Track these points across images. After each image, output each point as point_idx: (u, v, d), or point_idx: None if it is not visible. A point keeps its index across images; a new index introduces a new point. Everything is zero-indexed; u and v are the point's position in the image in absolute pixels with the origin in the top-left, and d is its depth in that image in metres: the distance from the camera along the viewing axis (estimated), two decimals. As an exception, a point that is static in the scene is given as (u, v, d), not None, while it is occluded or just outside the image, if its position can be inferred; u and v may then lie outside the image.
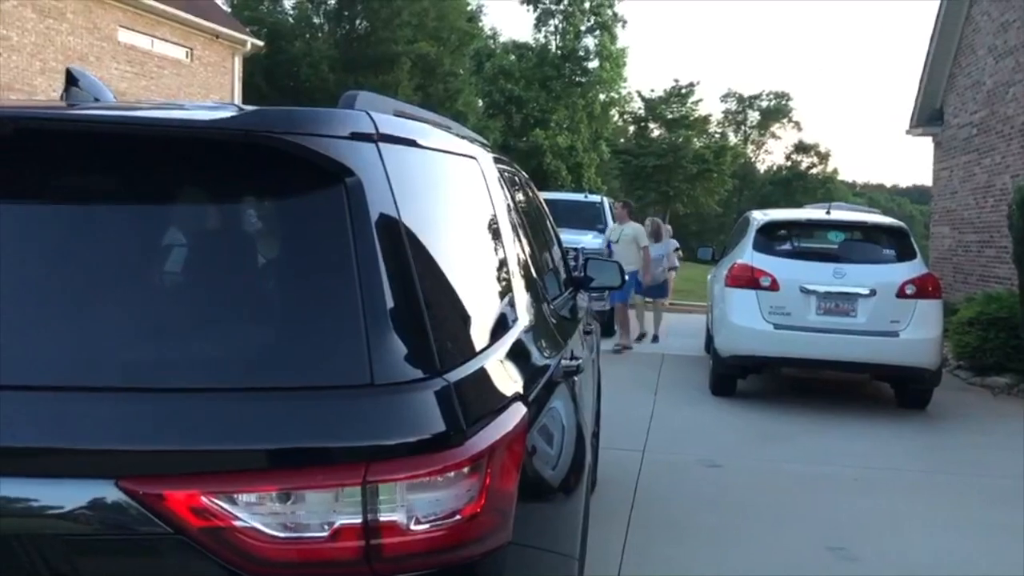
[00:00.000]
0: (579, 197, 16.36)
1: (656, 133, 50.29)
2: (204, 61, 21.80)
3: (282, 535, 1.44)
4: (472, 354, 1.79)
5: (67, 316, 1.55)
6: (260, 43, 24.58)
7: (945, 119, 16.02)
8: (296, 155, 1.63)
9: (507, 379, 1.90)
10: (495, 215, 2.56)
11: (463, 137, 2.74)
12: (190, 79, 21.28)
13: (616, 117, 51.24)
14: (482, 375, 1.77)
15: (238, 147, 1.63)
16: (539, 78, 44.00)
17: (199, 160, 1.66)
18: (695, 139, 49.38)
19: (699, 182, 47.06)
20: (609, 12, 45.41)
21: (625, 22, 47.80)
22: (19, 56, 16.92)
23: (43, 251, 1.60)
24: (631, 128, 52.34)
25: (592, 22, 45.10)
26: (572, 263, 5.68)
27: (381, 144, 1.78)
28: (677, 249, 17.68)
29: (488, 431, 1.64)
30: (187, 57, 21.33)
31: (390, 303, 1.59)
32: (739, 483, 5.94)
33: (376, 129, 1.79)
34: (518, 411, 1.82)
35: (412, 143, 2.00)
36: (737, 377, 8.83)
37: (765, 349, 8.17)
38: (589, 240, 12.90)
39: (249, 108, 1.77)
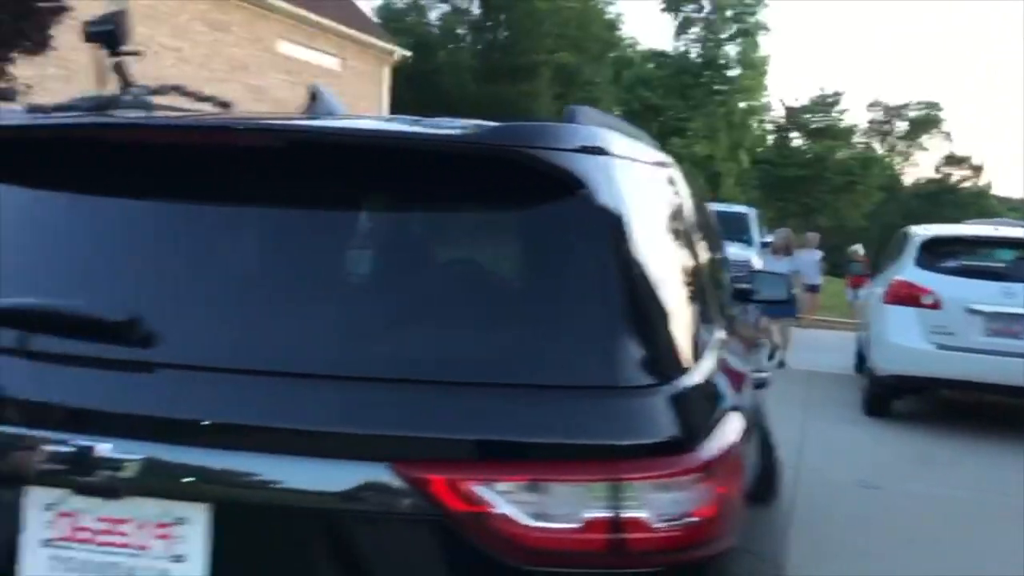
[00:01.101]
0: (723, 207, 16.17)
1: (797, 143, 48.93)
2: (356, 71, 22.67)
3: (536, 524, 1.54)
4: (691, 363, 1.86)
5: (354, 312, 1.71)
6: (408, 53, 25.33)
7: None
8: (535, 168, 1.74)
9: (721, 388, 1.96)
10: (690, 225, 2.63)
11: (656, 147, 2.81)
12: (342, 88, 22.13)
13: (756, 126, 50.13)
14: (704, 383, 1.83)
15: (483, 160, 1.76)
16: (677, 86, 43.51)
17: (448, 172, 1.79)
18: (840, 150, 47.81)
19: (844, 194, 45.53)
20: (752, 19, 44.53)
21: (768, 29, 46.44)
22: (189, 66, 18.03)
23: (328, 252, 1.78)
24: (770, 137, 51.12)
25: (735, 29, 44.36)
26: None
27: (606, 157, 1.88)
28: (824, 258, 17.09)
29: (716, 438, 1.71)
30: (340, 67, 22.23)
31: (627, 310, 1.69)
32: (899, 507, 5.76)
33: (602, 142, 1.89)
34: (737, 419, 1.88)
35: (630, 156, 2.09)
36: (893, 397, 8.54)
37: (926, 370, 7.86)
38: (735, 252, 12.72)
39: (487, 123, 1.89)
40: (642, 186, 2.11)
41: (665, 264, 1.98)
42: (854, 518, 5.49)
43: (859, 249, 18.25)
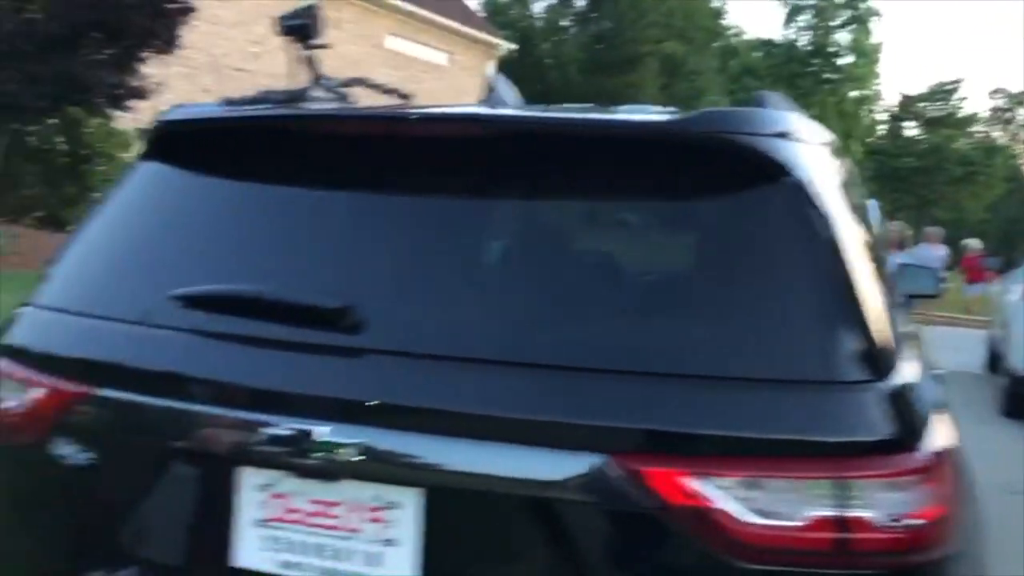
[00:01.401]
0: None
1: (911, 132, 47.11)
2: (462, 65, 22.86)
3: (757, 520, 1.50)
4: (897, 360, 1.77)
5: (570, 302, 1.71)
6: (514, 46, 25.44)
7: None
8: (739, 154, 1.72)
9: (927, 384, 1.87)
10: (864, 211, 2.54)
11: None
12: (448, 83, 22.38)
13: (867, 115, 48.47)
14: (913, 379, 1.75)
15: (686, 147, 1.74)
16: (785, 75, 42.52)
17: (649, 159, 1.76)
18: (958, 139, 45.80)
19: (963, 186, 43.60)
20: (864, 5, 43.14)
21: (880, 15, 44.92)
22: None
23: (535, 241, 1.80)
24: (881, 127, 49.34)
25: (847, 16, 43.06)
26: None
27: (803, 143, 1.85)
28: (948, 255, 16.39)
29: (935, 438, 1.63)
30: (447, 62, 22.44)
31: (840, 302, 1.64)
32: (1048, 513, 5.47)
33: (796, 127, 1.87)
34: (949, 419, 1.80)
35: (819, 140, 2.05)
36: (1035, 398, 8.13)
37: (1076, 370, 7.47)
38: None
39: (674, 110, 1.86)
40: (832, 171, 2.05)
41: (860, 254, 1.91)
42: (1002, 526, 5.22)
43: (973, 243, 17.47)
